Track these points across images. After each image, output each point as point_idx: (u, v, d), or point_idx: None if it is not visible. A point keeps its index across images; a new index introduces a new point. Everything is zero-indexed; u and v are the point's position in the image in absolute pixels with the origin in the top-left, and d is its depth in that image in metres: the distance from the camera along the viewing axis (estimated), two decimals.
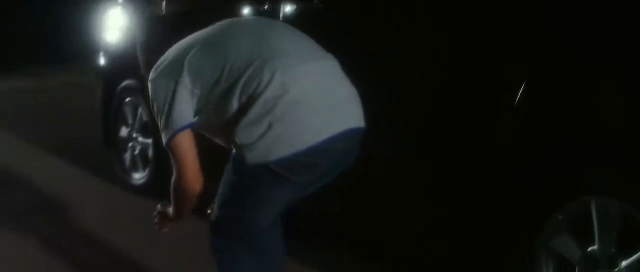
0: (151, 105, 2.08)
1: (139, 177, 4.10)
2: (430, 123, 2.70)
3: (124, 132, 4.19)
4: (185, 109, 2.00)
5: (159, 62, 2.10)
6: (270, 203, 2.08)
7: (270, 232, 2.17)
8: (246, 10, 3.17)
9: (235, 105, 1.97)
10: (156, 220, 2.33)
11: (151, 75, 2.09)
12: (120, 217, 2.40)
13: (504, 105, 2.43)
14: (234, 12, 3.04)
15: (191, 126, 2.03)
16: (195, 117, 2.05)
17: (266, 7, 3.10)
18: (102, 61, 4.31)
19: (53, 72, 8.39)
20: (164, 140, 2.04)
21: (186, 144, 2.03)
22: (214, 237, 2.17)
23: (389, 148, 2.79)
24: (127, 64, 3.51)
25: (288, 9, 3.09)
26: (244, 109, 1.95)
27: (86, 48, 5.23)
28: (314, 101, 1.99)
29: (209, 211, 2.19)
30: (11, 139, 5.50)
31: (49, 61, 8.58)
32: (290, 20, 2.86)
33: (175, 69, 2.02)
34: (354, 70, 2.19)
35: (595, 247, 2.21)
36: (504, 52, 2.48)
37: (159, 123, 2.05)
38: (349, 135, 2.04)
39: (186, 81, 2.00)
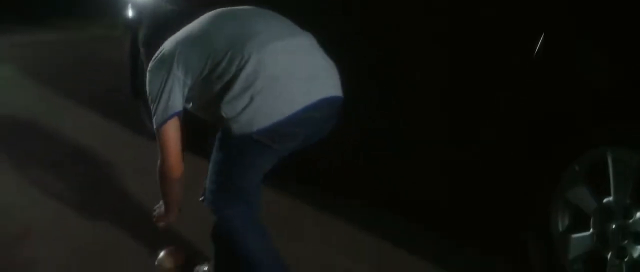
0: (147, 92, 2.29)
1: None
2: (451, 72, 2.74)
3: None
4: (174, 99, 2.23)
5: (155, 55, 2.31)
6: (255, 169, 2.28)
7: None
8: None
9: (219, 84, 2.18)
10: (154, 219, 2.61)
11: (149, 67, 2.32)
12: (149, 165, 2.50)
13: (524, 56, 2.45)
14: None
15: (178, 114, 2.25)
16: (187, 102, 2.29)
17: None
18: (130, 13, 4.37)
19: (80, 25, 8.45)
20: (154, 125, 2.28)
21: (171, 131, 2.26)
22: (217, 210, 2.32)
23: (408, 97, 2.88)
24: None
25: None
26: (227, 86, 2.15)
27: (114, 1, 5.28)
28: (290, 74, 2.19)
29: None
30: (41, 92, 5.59)
31: (76, 14, 8.64)
32: None
33: (167, 62, 2.24)
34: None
35: (611, 198, 2.24)
36: (524, 2, 2.50)
37: (152, 109, 2.28)
38: (325, 103, 2.25)
39: (177, 73, 2.22)
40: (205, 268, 2.66)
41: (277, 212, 3.13)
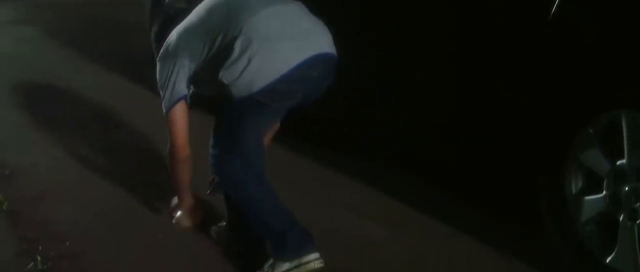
0: (157, 81, 2.51)
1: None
2: (467, 32, 2.75)
3: None
4: (180, 84, 2.44)
5: (163, 46, 2.51)
6: (256, 129, 2.41)
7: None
8: None
9: (219, 56, 2.33)
10: (173, 220, 2.78)
11: (158, 58, 2.53)
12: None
13: (540, 18, 2.44)
14: None
15: (184, 98, 2.46)
16: (195, 84, 2.51)
17: None
18: None
19: None
20: (164, 109, 2.49)
21: (179, 114, 2.47)
22: (220, 172, 2.45)
23: (422, 54, 2.91)
24: None
25: None
26: (226, 55, 2.30)
27: None
28: (282, 35, 2.32)
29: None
30: (63, 54, 5.64)
31: None
32: None
33: (172, 52, 2.45)
34: None
35: (624, 160, 2.24)
36: None
37: (161, 96, 2.49)
38: (319, 60, 2.35)
39: (182, 61, 2.42)
40: (222, 226, 2.72)
41: (284, 172, 3.17)
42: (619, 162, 2.27)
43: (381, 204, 3.09)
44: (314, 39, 2.38)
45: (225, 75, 2.29)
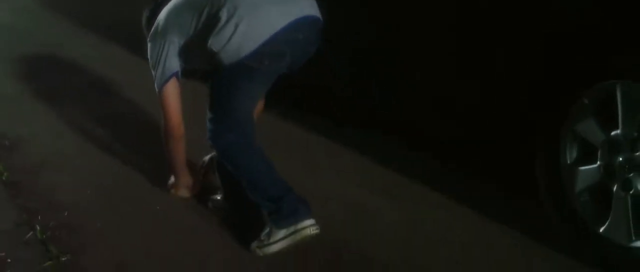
0: (149, 61, 2.59)
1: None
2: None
3: None
4: (170, 61, 2.51)
5: (153, 26, 2.59)
6: (247, 95, 2.44)
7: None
8: None
9: (207, 27, 2.38)
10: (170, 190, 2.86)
11: (148, 39, 2.62)
12: None
13: None
14: None
15: (175, 75, 2.53)
16: (185, 61, 2.56)
17: None
18: None
19: None
20: (156, 88, 2.56)
21: (171, 91, 2.55)
22: (215, 143, 2.49)
23: (420, 24, 2.91)
24: None
25: None
26: (213, 23, 2.35)
27: None
28: (267, 0, 2.36)
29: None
30: (64, 24, 5.66)
31: None
32: None
33: (162, 31, 2.52)
34: None
35: (618, 131, 2.25)
36: None
37: (153, 75, 2.57)
38: (305, 23, 2.40)
39: (171, 38, 2.50)
40: (218, 197, 2.75)
41: (278, 139, 3.20)
42: (613, 133, 2.27)
43: (377, 172, 3.10)
44: (298, 3, 2.41)
45: (214, 43, 2.34)
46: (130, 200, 2.87)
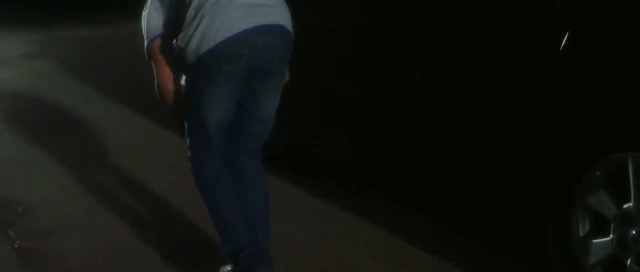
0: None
1: None
2: (474, 64, 2.76)
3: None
4: (154, 24, 2.54)
5: None
6: (212, 99, 2.47)
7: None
8: None
9: (178, 16, 2.44)
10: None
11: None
12: (180, 162, 2.64)
13: (549, 54, 2.46)
14: None
15: (160, 36, 2.54)
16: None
17: None
18: None
19: (120, 21, 8.57)
20: (145, 49, 2.58)
21: (157, 49, 2.55)
22: (191, 165, 2.57)
23: (422, 85, 2.94)
24: None
25: None
26: (181, 17, 2.41)
27: None
28: (234, 2, 2.37)
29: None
30: (78, 87, 5.70)
31: (116, 10, 8.76)
32: None
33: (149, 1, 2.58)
34: None
35: (631, 204, 2.24)
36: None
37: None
38: (267, 30, 2.42)
39: (156, 3, 2.54)
40: (228, 268, 2.71)
41: (282, 204, 3.18)
42: (625, 206, 2.26)
43: (391, 242, 3.09)
44: (265, 10, 2.44)
45: (180, 40, 2.41)
46: (142, 270, 2.87)
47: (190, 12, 2.38)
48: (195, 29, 2.36)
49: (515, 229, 2.77)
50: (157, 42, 2.55)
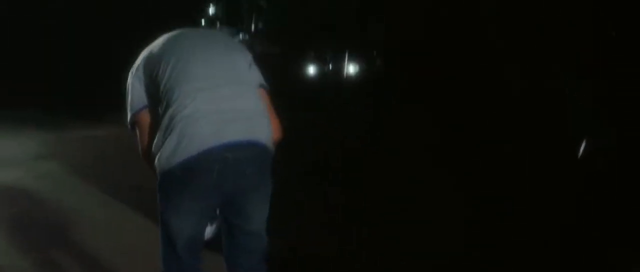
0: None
1: (208, 231, 4.15)
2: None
3: None
4: (137, 95, 2.57)
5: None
6: (180, 209, 2.43)
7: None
8: None
9: (155, 116, 2.49)
10: None
11: None
12: None
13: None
14: None
15: (144, 108, 2.56)
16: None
17: None
18: None
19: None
20: (128, 120, 2.61)
21: (142, 122, 2.57)
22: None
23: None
24: None
25: None
26: (157, 121, 2.45)
27: None
28: (207, 117, 2.38)
29: None
30: (81, 189, 5.67)
31: (123, 109, 8.85)
32: None
33: (134, 68, 2.60)
34: None
35: None
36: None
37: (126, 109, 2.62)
38: (238, 146, 2.39)
39: (139, 74, 2.56)
40: None
41: None
42: None
43: None
44: (238, 125, 2.42)
45: (155, 146, 2.43)
46: None
47: (165, 120, 2.40)
48: (168, 139, 2.37)
49: None
50: (141, 113, 2.57)
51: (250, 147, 2.44)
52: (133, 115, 2.58)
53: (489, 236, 2.80)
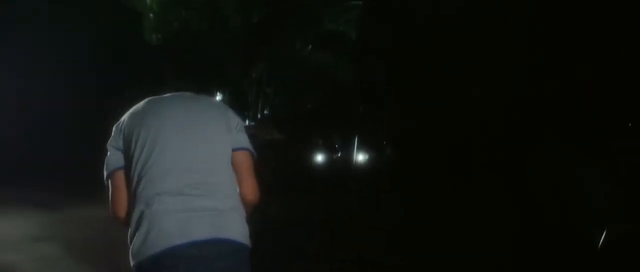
0: None
1: None
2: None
3: None
4: (114, 159, 2.62)
5: None
6: None
7: None
8: None
9: (129, 180, 2.56)
10: None
11: None
12: None
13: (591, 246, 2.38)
14: None
15: (120, 168, 2.60)
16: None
17: None
18: None
19: None
20: (104, 178, 2.64)
21: (114, 182, 2.61)
22: None
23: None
24: None
25: None
26: (131, 207, 2.51)
27: None
28: (175, 214, 2.42)
29: None
30: (88, 268, 5.59)
31: None
32: None
33: (112, 138, 2.65)
34: None
35: None
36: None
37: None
38: (203, 243, 2.41)
39: (115, 144, 2.63)
40: None
41: None
42: None
43: None
44: (206, 221, 2.45)
45: (128, 238, 2.46)
46: None
47: (137, 211, 2.46)
48: (138, 232, 2.43)
49: None
50: (116, 174, 2.61)
51: (219, 244, 2.46)
52: (108, 175, 2.62)
53: None
